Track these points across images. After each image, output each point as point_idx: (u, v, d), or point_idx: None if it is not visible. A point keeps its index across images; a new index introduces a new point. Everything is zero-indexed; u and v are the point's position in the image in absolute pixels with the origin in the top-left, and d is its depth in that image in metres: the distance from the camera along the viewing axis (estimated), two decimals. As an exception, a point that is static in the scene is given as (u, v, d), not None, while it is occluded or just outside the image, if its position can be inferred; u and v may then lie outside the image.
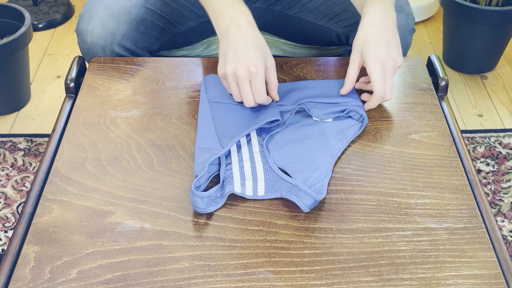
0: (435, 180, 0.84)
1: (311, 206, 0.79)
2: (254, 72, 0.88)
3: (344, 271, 0.72)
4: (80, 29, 1.09)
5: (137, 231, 0.77)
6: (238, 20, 0.91)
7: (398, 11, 1.09)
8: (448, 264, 0.73)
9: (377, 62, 0.90)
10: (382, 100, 0.93)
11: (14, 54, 1.77)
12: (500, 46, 2.04)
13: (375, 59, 0.90)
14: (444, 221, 0.78)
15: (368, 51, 0.91)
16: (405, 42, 1.11)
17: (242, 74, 0.88)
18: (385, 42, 0.91)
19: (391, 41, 0.92)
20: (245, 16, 0.92)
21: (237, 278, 0.71)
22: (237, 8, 0.92)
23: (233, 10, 0.92)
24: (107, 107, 0.96)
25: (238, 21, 0.91)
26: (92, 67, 1.05)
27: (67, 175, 0.84)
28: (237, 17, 0.91)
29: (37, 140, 1.77)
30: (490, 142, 1.78)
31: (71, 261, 0.73)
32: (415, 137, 0.91)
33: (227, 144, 0.85)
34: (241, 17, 0.91)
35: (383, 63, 0.91)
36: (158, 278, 0.71)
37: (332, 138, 0.90)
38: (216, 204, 0.80)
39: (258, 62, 0.88)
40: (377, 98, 0.92)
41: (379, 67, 0.91)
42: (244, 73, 0.88)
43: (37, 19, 2.28)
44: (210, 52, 1.24)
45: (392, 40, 0.92)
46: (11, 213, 1.54)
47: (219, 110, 0.94)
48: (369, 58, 0.91)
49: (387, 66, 0.91)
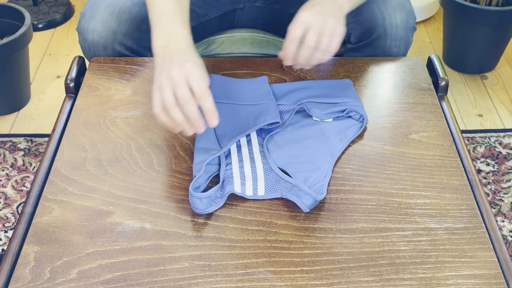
0: (435, 180, 0.84)
1: (311, 206, 0.79)
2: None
3: (344, 271, 0.72)
4: (82, 27, 1.09)
5: (137, 231, 0.77)
6: (176, 42, 0.86)
7: (399, 9, 1.10)
8: (448, 264, 0.73)
9: (304, 12, 0.90)
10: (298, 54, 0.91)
11: (14, 54, 1.77)
12: (500, 46, 2.04)
13: (302, 11, 0.91)
14: (444, 221, 0.78)
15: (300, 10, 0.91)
16: (406, 40, 1.11)
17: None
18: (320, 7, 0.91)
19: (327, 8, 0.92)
20: (184, 39, 0.87)
21: (237, 278, 0.71)
22: (178, 27, 0.88)
23: (173, 28, 0.88)
24: (107, 107, 0.96)
25: (176, 43, 0.86)
26: (92, 67, 1.05)
27: (67, 175, 0.84)
28: (176, 38, 0.87)
29: (37, 140, 1.77)
30: (490, 142, 1.78)
31: (71, 261, 0.73)
32: (415, 137, 0.91)
33: (226, 145, 0.85)
34: (180, 38, 0.87)
35: (311, 16, 0.90)
36: (158, 278, 0.71)
37: (332, 138, 0.89)
38: (216, 204, 0.79)
39: (202, 80, 0.81)
40: (287, 39, 0.91)
41: (305, 15, 0.90)
42: (188, 94, 0.79)
43: (37, 19, 2.28)
44: (210, 52, 1.24)
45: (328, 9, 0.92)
46: (11, 213, 1.54)
47: (219, 110, 0.93)
48: (299, 12, 0.91)
49: (314, 21, 0.90)
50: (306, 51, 0.91)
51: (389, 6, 1.09)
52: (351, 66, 1.06)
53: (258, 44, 1.23)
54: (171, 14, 0.89)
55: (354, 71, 1.05)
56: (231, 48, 1.24)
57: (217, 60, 1.08)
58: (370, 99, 0.99)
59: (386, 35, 1.09)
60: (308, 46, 0.90)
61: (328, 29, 0.90)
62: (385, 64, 1.07)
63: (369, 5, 1.09)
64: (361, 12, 1.09)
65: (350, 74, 1.04)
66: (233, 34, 1.24)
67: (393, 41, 1.10)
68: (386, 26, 1.09)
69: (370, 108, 0.96)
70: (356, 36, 1.12)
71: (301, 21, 0.91)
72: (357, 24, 1.10)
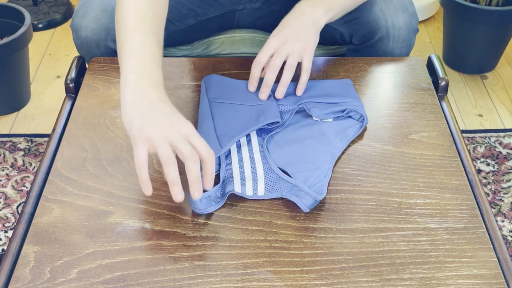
0: (435, 180, 0.84)
1: (311, 206, 0.79)
2: (190, 133, 0.76)
3: (344, 271, 0.72)
4: (75, 24, 1.09)
5: (137, 231, 0.77)
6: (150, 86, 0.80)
7: (402, 11, 1.10)
8: (448, 264, 0.73)
9: (271, 38, 0.95)
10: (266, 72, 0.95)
11: (14, 54, 1.77)
12: (500, 46, 2.04)
13: (270, 37, 0.96)
14: (444, 221, 0.78)
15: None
16: (408, 42, 1.12)
17: (176, 138, 0.75)
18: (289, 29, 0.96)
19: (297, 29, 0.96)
20: (156, 85, 0.80)
21: (237, 278, 0.71)
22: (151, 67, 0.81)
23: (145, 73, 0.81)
24: (107, 107, 0.96)
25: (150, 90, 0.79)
26: (92, 67, 1.05)
27: (67, 175, 0.84)
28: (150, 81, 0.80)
29: (37, 140, 1.77)
30: (490, 142, 1.78)
31: (71, 261, 0.73)
32: (415, 137, 0.91)
33: (226, 145, 0.85)
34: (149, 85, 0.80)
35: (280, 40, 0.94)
36: (158, 278, 0.71)
37: (332, 138, 0.89)
38: (216, 204, 0.79)
39: (189, 123, 0.77)
40: (254, 63, 0.95)
41: (271, 42, 0.94)
42: (179, 136, 0.75)
43: (37, 19, 2.28)
44: (210, 52, 1.24)
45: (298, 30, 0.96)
46: (11, 213, 1.54)
47: (219, 110, 0.94)
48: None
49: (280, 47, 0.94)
50: (269, 74, 0.94)
51: (392, 8, 1.09)
52: (351, 66, 1.06)
53: (258, 44, 1.23)
54: (143, 50, 0.82)
55: (354, 71, 1.05)
56: (231, 48, 1.24)
57: (217, 60, 1.08)
58: (370, 99, 0.99)
59: (388, 37, 1.09)
60: (271, 67, 0.94)
61: (296, 52, 0.94)
62: (385, 64, 1.07)
63: (371, 7, 1.09)
64: (364, 14, 1.09)
65: (350, 74, 1.04)
66: (233, 35, 1.24)
67: (395, 43, 1.10)
68: (388, 28, 1.09)
69: (370, 108, 0.96)
70: (358, 37, 1.12)
71: (268, 46, 0.95)
72: (359, 25, 1.10)
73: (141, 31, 0.84)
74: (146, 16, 0.86)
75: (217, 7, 1.17)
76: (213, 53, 1.24)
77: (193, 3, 1.16)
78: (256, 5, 1.19)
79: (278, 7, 1.18)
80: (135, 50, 0.82)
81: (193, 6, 1.16)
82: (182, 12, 1.16)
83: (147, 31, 0.84)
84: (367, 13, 1.09)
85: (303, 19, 0.97)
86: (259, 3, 1.19)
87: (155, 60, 0.82)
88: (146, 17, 0.86)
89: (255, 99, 0.96)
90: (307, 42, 0.96)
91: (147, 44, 0.83)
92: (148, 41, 0.83)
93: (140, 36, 0.84)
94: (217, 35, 1.24)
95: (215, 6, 1.17)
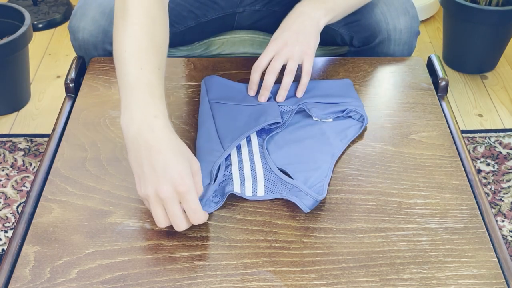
0: (435, 180, 0.84)
1: (311, 206, 0.79)
2: (184, 192, 0.71)
3: (344, 271, 0.72)
4: (73, 26, 1.09)
5: (137, 231, 0.77)
6: (151, 121, 0.74)
7: (403, 13, 1.10)
8: (448, 264, 0.73)
9: (272, 42, 0.96)
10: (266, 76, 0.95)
11: (14, 54, 1.77)
12: (500, 46, 2.04)
13: (270, 40, 0.97)
14: (444, 221, 0.78)
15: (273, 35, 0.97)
16: (409, 45, 1.12)
17: (168, 196, 0.71)
18: (289, 32, 0.96)
19: (297, 31, 0.97)
20: (160, 116, 0.74)
21: (237, 278, 0.71)
22: (153, 103, 0.75)
23: (146, 107, 0.75)
24: (107, 107, 0.96)
25: (151, 122, 0.74)
26: (92, 67, 1.05)
27: (67, 175, 0.84)
28: (151, 117, 0.74)
29: (37, 140, 1.77)
30: (490, 142, 1.78)
31: (71, 261, 0.73)
32: (415, 137, 0.91)
33: (228, 148, 0.85)
34: (155, 117, 0.74)
35: (280, 45, 0.95)
36: (158, 278, 0.71)
37: (332, 138, 0.89)
38: (216, 204, 0.79)
39: (185, 178, 0.71)
40: (254, 67, 0.96)
41: (272, 45, 0.95)
42: (171, 194, 0.71)
43: (37, 19, 2.28)
44: (210, 52, 1.24)
45: (299, 32, 0.97)
46: (11, 213, 1.54)
47: (220, 111, 0.94)
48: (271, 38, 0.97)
49: (280, 50, 0.95)
50: (268, 76, 0.95)
51: (393, 10, 1.09)
52: (351, 66, 1.06)
53: (258, 45, 1.23)
54: (146, 83, 0.76)
55: (354, 71, 1.05)
56: (231, 49, 1.24)
57: (217, 60, 1.08)
58: (370, 99, 0.99)
59: (389, 39, 1.09)
60: (270, 69, 0.95)
61: (296, 55, 0.95)
62: (385, 64, 1.07)
63: (372, 9, 1.09)
64: (365, 16, 1.09)
65: (350, 74, 1.04)
66: (233, 36, 1.24)
67: (396, 45, 1.10)
68: (389, 30, 1.09)
69: (370, 108, 0.96)
70: (359, 40, 1.11)
71: (268, 51, 0.96)
72: (360, 28, 1.10)
73: (139, 61, 0.79)
74: (145, 46, 0.81)
75: (217, 10, 1.17)
76: (213, 53, 1.24)
77: (193, 5, 1.15)
78: (256, 8, 1.19)
79: (279, 9, 1.17)
80: (132, 84, 0.76)
81: (193, 8, 1.16)
82: (182, 14, 1.16)
83: (144, 61, 0.79)
84: (368, 15, 1.09)
85: (302, 20, 0.97)
86: (259, 6, 1.19)
87: (154, 90, 0.77)
88: (144, 47, 0.81)
89: (256, 100, 0.96)
90: (307, 44, 0.96)
91: (146, 74, 0.78)
92: (146, 71, 0.78)
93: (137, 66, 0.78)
94: (217, 36, 1.24)
95: (215, 9, 1.17)
